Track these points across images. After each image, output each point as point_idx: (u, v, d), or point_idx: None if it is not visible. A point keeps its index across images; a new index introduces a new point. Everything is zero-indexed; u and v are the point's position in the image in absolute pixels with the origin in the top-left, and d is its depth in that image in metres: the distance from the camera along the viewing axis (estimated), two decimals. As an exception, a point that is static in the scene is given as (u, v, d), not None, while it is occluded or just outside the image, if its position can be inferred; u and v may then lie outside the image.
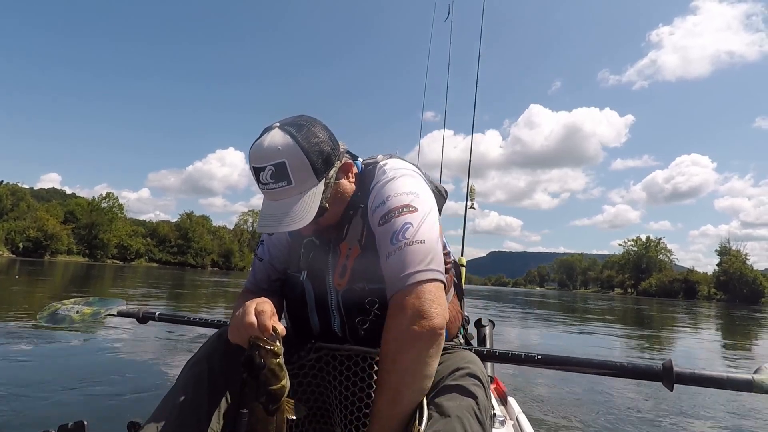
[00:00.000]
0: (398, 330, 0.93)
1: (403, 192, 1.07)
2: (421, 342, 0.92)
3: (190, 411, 1.01)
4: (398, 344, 0.92)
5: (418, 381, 0.93)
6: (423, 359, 0.93)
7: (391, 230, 1.01)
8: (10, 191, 71.16)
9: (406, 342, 0.92)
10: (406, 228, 1.00)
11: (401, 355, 0.92)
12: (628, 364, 1.23)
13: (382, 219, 1.04)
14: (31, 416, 2.86)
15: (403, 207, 1.03)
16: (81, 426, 0.92)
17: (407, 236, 0.99)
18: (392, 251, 0.99)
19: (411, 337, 0.92)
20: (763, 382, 1.07)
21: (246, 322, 0.91)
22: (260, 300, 0.98)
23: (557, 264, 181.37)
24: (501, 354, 1.37)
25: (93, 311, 1.82)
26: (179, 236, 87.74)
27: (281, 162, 1.00)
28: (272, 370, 0.85)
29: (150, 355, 5.02)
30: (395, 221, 1.02)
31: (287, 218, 1.00)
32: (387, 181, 1.10)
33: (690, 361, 7.77)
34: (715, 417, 3.98)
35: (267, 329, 0.89)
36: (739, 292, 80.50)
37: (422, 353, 0.92)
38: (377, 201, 1.08)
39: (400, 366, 0.92)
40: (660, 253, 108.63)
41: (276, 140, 1.01)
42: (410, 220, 1.01)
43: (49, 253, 64.41)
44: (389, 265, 1.00)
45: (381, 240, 1.04)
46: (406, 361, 0.92)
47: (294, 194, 1.02)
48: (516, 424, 1.84)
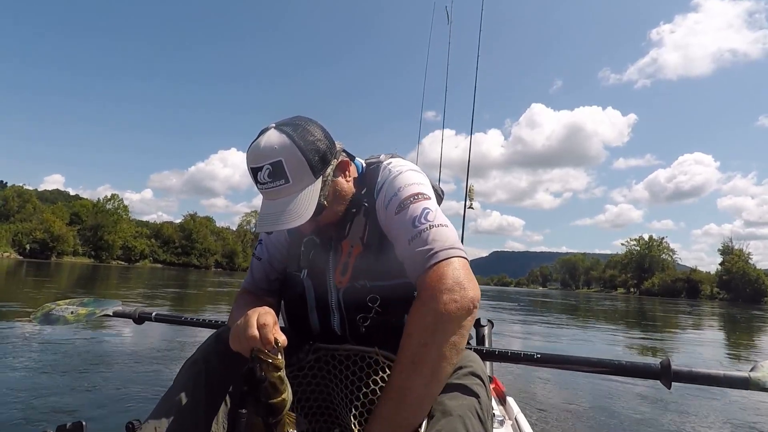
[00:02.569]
0: (437, 302, 0.90)
1: (413, 182, 1.09)
2: (461, 313, 0.90)
3: (188, 411, 1.01)
4: (437, 317, 0.90)
5: (455, 355, 0.91)
6: (461, 332, 0.91)
7: (411, 215, 1.02)
8: (16, 193, 71.73)
9: (446, 314, 0.89)
10: (426, 212, 1.02)
11: (442, 326, 0.89)
12: (626, 363, 1.23)
13: (399, 207, 1.05)
14: (29, 416, 2.86)
15: (417, 194, 1.06)
16: (79, 426, 0.92)
17: (429, 219, 1.01)
18: (417, 234, 0.99)
19: (452, 308, 0.89)
20: (760, 379, 1.07)
21: (249, 335, 0.89)
22: (262, 311, 0.95)
23: (560, 264, 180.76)
24: (500, 353, 1.37)
25: (88, 312, 1.82)
26: (183, 237, 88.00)
27: (278, 161, 1.00)
28: (273, 383, 0.84)
29: (148, 355, 5.03)
30: (413, 206, 1.03)
31: (285, 216, 1.01)
32: (395, 176, 1.12)
33: (690, 359, 7.74)
34: (714, 416, 3.97)
35: (269, 343, 0.88)
36: (741, 292, 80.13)
37: (461, 326, 0.91)
38: (389, 194, 1.09)
39: (441, 339, 0.89)
40: (663, 252, 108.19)
41: (272, 140, 1.01)
42: (428, 206, 1.04)
43: (55, 254, 64.82)
44: (414, 247, 0.99)
45: (401, 226, 1.04)
46: (447, 332, 0.90)
47: (292, 192, 1.02)
48: (515, 424, 1.84)
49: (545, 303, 28.62)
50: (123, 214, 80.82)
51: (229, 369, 1.07)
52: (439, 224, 1.00)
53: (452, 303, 0.90)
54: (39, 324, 1.80)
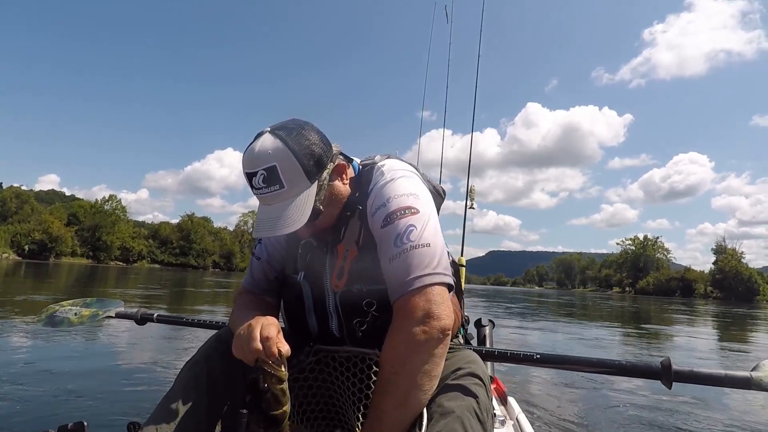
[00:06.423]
0: (407, 333, 0.92)
1: (403, 193, 1.06)
2: (431, 343, 0.92)
3: (189, 412, 1.01)
4: (408, 347, 0.92)
5: (427, 383, 0.92)
6: (433, 361, 0.92)
7: (394, 232, 1.00)
8: (14, 194, 71.58)
9: (415, 344, 0.91)
10: (410, 231, 0.99)
11: (412, 357, 0.91)
12: (626, 363, 1.23)
13: (385, 221, 1.03)
14: (31, 417, 2.85)
15: (405, 209, 1.03)
16: (81, 426, 0.91)
17: (412, 239, 0.98)
18: (396, 254, 0.98)
19: (421, 339, 0.91)
20: (761, 379, 1.07)
21: (252, 348, 0.89)
22: (265, 322, 0.94)
23: (556, 263, 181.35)
24: (500, 353, 1.37)
25: (91, 313, 1.82)
26: (181, 238, 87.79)
27: (272, 166, 1.00)
28: (275, 395, 0.84)
29: (149, 356, 5.01)
30: (398, 223, 1.01)
31: (281, 222, 1.00)
32: (386, 183, 1.09)
33: (684, 357, 7.76)
34: (713, 416, 3.98)
35: (273, 355, 0.88)
36: (734, 290, 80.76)
37: (433, 355, 0.92)
38: (377, 203, 1.07)
39: (411, 368, 0.91)
40: (657, 251, 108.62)
41: (266, 145, 1.01)
42: (414, 223, 1.00)
43: (53, 255, 64.64)
44: (393, 268, 0.99)
45: (384, 242, 1.03)
46: (417, 362, 0.91)
47: (287, 198, 1.02)
48: (516, 424, 1.84)
49: (542, 302, 28.65)
50: (121, 215, 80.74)
51: (230, 370, 1.07)
52: (421, 244, 0.98)
53: (422, 334, 0.92)
54: (44, 326, 1.80)
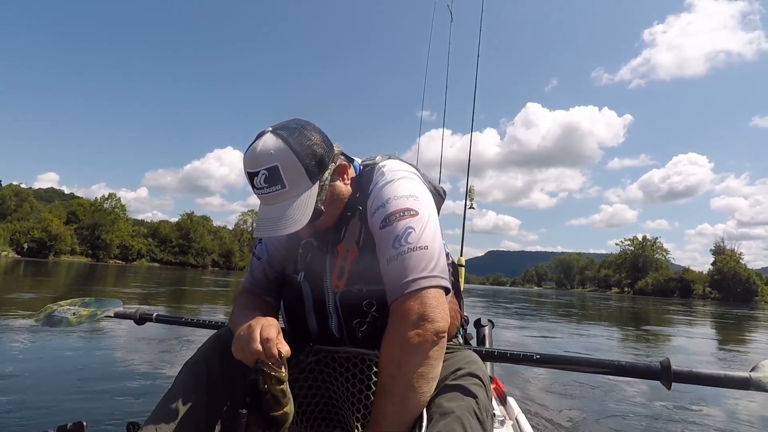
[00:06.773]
0: (402, 335, 0.92)
1: (402, 195, 1.05)
2: (427, 346, 0.92)
3: (188, 412, 1.01)
4: (403, 350, 0.92)
5: (424, 385, 0.92)
6: (428, 363, 0.92)
7: (392, 234, 1.00)
8: (13, 192, 71.45)
9: (411, 347, 0.91)
10: (408, 233, 0.99)
11: (407, 360, 0.91)
12: (626, 363, 1.23)
13: (384, 222, 1.03)
14: (30, 416, 2.85)
15: (404, 210, 1.02)
16: (80, 426, 0.91)
17: (410, 241, 0.98)
18: (394, 256, 0.99)
19: (415, 342, 0.91)
20: (760, 380, 1.07)
21: (252, 350, 0.90)
22: (266, 323, 0.95)
23: (555, 263, 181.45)
24: (500, 354, 1.37)
25: (90, 313, 1.81)
26: (180, 236, 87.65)
27: (274, 166, 1.00)
28: (275, 396, 0.85)
29: (148, 356, 5.01)
30: (397, 225, 1.01)
31: (282, 222, 1.00)
32: (386, 184, 1.09)
33: (683, 357, 7.77)
34: (713, 415, 3.98)
35: (273, 357, 0.88)
36: (733, 291, 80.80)
37: (428, 357, 0.92)
38: (377, 203, 1.07)
39: (407, 370, 0.91)
40: (656, 252, 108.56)
41: (268, 145, 1.01)
42: (412, 225, 1.00)
43: (53, 253, 64.51)
44: (391, 270, 0.99)
45: (382, 244, 1.03)
46: (412, 365, 0.91)
47: (288, 198, 1.02)
48: (515, 424, 1.84)
49: (540, 302, 28.68)
50: (120, 213, 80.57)
51: (229, 370, 1.07)
52: (419, 247, 0.98)
53: (416, 337, 0.92)
54: (42, 326, 1.79)
